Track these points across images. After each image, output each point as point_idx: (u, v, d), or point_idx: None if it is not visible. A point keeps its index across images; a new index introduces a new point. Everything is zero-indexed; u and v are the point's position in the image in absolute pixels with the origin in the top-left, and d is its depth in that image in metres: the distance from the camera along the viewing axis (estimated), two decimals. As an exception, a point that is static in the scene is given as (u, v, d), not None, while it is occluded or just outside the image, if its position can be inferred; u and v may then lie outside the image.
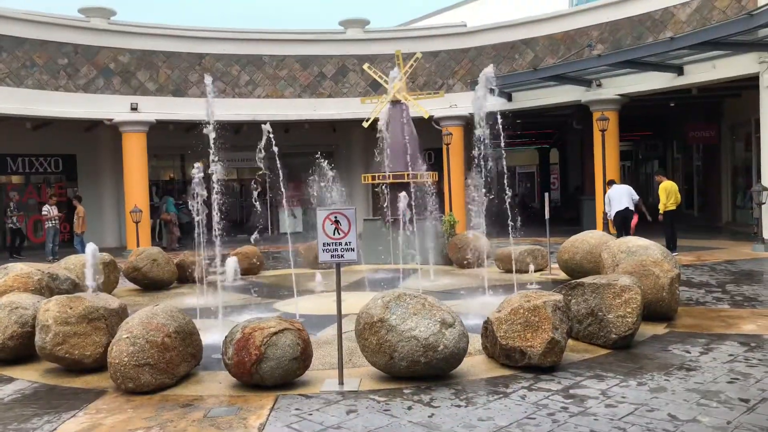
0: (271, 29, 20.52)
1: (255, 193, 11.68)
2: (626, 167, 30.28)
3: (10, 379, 5.85)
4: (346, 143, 22.49)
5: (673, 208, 12.99)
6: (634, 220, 13.02)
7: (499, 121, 8.89)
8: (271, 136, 8.26)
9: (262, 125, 8.36)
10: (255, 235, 10.66)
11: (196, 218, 8.25)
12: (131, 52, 18.49)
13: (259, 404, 4.89)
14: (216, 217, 8.15)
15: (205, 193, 8.13)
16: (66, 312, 5.85)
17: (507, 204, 8.91)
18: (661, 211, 13.11)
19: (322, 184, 11.66)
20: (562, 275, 10.30)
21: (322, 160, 11.50)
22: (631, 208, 13.19)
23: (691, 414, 4.37)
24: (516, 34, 19.08)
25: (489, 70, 9.56)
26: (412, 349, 5.19)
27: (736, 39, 12.92)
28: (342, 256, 5.36)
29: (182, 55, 19.14)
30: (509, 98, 18.54)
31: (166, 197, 20.02)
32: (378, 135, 13.01)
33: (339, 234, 5.34)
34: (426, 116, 15.23)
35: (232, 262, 11.39)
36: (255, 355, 5.14)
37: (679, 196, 13.28)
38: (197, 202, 8.30)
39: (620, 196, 13.40)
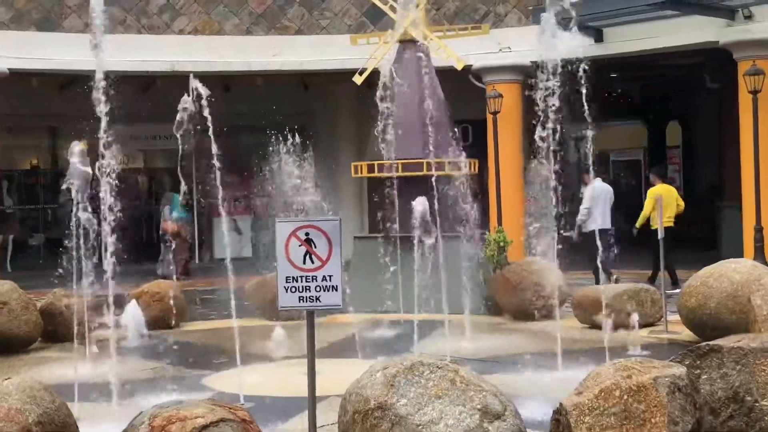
0: None
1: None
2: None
3: None
4: (328, 111, 22.44)
5: (670, 224, 14.16)
6: None
7: (583, 75, 9.10)
8: (203, 97, 8.53)
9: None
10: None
11: (70, 237, 8.79)
12: (-33, -42, 18.65)
13: None
14: (109, 232, 8.51)
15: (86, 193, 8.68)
16: None
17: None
18: (637, 225, 15.11)
19: (286, 178, 11.81)
20: (687, 333, 10.42)
21: (287, 140, 11.66)
22: (611, 228, 14.37)
23: None
24: (609, -70, 19.21)
25: None
26: (433, 456, 5.20)
27: None
28: (317, 298, 5.49)
29: (53, -36, 19.25)
30: (598, 37, 18.61)
31: (169, 194, 20.36)
32: (379, 98, 12.91)
33: (313, 262, 5.46)
34: (459, 67, 15.01)
35: (134, 309, 11.57)
36: (172, 463, 5.23)
37: (680, 205, 14.63)
38: (75, 208, 8.71)
39: (605, 204, 14.49)
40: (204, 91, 8.68)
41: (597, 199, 14.45)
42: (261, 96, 20.68)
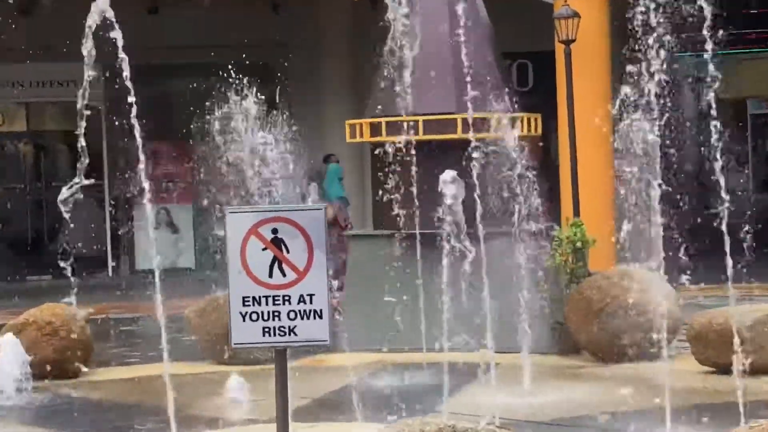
0: None
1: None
2: None
3: None
4: (309, 43, 21.52)
5: None
6: None
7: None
8: (114, 24, 7.79)
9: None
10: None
11: None
12: None
13: None
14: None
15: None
16: None
17: (720, 198, 8.95)
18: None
19: (245, 146, 11.89)
20: None
21: (247, 86, 11.60)
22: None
23: None
24: None
25: None
26: None
27: None
28: (292, 330, 5.30)
29: None
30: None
31: (326, 165, 19.78)
32: (387, 22, 12.17)
33: (284, 275, 5.23)
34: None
35: (12, 348, 11.17)
36: None
37: None
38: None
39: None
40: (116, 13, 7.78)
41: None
42: (206, 20, 20.34)
